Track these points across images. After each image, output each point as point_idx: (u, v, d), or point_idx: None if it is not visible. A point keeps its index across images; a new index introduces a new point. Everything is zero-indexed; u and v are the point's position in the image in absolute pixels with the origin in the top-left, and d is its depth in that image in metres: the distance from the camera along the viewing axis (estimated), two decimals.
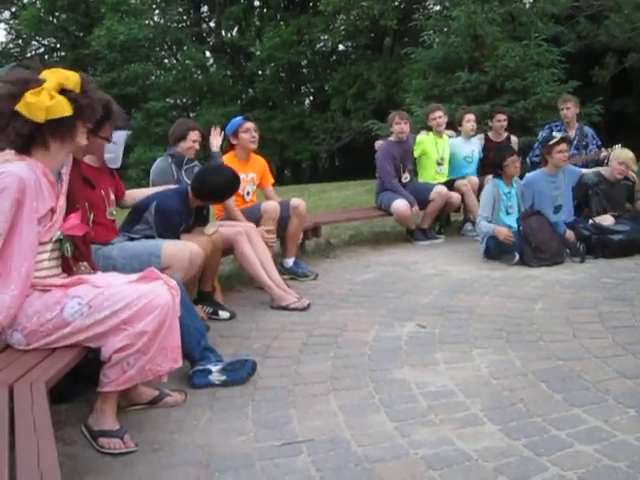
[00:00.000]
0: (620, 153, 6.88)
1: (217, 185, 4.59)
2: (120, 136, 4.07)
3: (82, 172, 3.76)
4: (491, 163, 6.94)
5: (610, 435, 2.85)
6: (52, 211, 2.87)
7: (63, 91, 2.77)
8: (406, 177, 7.62)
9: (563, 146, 6.57)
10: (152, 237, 4.29)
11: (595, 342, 4.02)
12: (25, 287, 2.73)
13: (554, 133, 7.51)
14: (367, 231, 8.18)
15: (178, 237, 4.42)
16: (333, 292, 5.46)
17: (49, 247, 2.90)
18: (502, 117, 8.31)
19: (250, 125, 5.81)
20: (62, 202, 2.95)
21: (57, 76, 2.79)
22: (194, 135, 5.39)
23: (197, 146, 5.44)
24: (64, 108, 2.75)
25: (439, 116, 7.90)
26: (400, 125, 7.43)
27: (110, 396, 2.92)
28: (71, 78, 2.81)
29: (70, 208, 3.05)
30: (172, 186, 4.92)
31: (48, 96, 2.72)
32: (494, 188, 6.49)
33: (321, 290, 5.54)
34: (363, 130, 17.14)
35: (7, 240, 2.67)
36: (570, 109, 8.02)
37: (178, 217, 4.50)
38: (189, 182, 5.26)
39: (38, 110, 2.71)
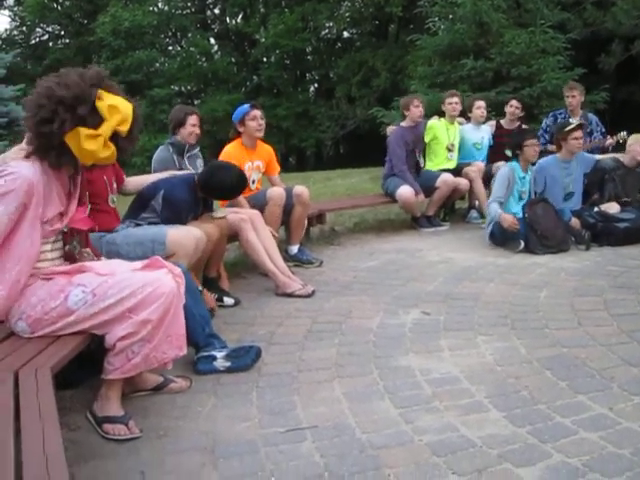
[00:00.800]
0: (638, 136, 6.85)
1: (225, 184, 4.59)
2: None
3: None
4: (508, 146, 6.87)
5: (615, 422, 2.85)
6: (61, 214, 2.87)
7: (115, 134, 2.72)
8: (422, 162, 7.64)
9: (579, 133, 6.55)
10: (157, 224, 4.30)
11: (600, 330, 4.02)
12: (12, 292, 2.72)
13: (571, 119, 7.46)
14: (372, 218, 8.17)
15: (184, 224, 4.42)
16: (337, 279, 5.45)
17: (52, 239, 2.90)
18: (515, 103, 8.21)
19: (257, 113, 5.79)
20: (73, 206, 2.94)
21: (116, 118, 2.70)
22: (193, 119, 5.38)
23: (197, 130, 5.42)
24: (111, 158, 2.77)
25: (455, 102, 7.88)
26: (419, 108, 7.45)
27: (115, 383, 2.92)
28: (126, 121, 2.74)
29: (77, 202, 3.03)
30: (177, 172, 4.92)
31: (103, 146, 2.69)
32: (510, 171, 6.44)
33: (325, 277, 5.54)
34: (368, 117, 17.08)
35: (6, 240, 2.66)
36: (575, 97, 7.98)
37: (187, 207, 4.51)
38: (192, 170, 5.27)
39: (87, 156, 2.71)
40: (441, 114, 8.04)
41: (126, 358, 2.81)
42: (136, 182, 4.68)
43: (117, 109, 2.70)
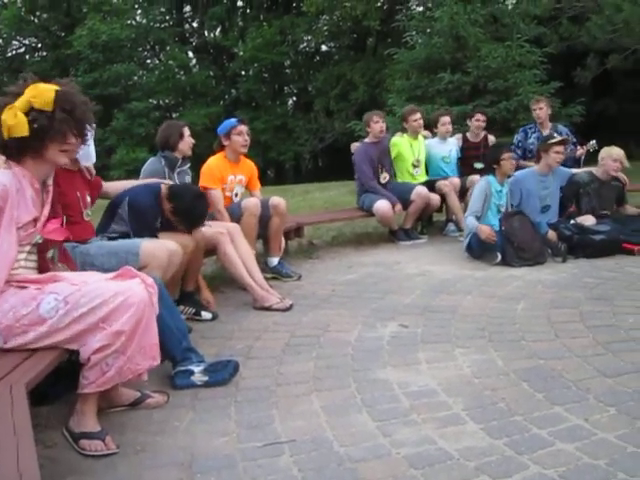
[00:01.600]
0: (611, 150, 6.92)
1: (203, 215, 4.63)
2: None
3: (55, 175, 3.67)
4: (486, 159, 6.92)
5: (590, 433, 2.87)
6: (35, 220, 2.88)
7: (32, 109, 2.77)
8: (385, 177, 7.61)
9: (561, 148, 6.62)
10: (129, 235, 4.29)
11: (576, 341, 4.04)
12: None
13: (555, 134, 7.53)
14: (350, 232, 8.19)
15: (155, 234, 4.40)
16: (316, 293, 5.45)
17: (27, 249, 2.90)
18: (481, 117, 8.30)
19: (244, 128, 5.82)
20: (46, 212, 2.95)
21: (31, 93, 2.78)
22: (187, 131, 5.42)
23: (192, 139, 5.47)
24: (21, 129, 2.75)
25: (419, 118, 7.93)
26: (379, 124, 7.45)
27: (90, 397, 2.90)
28: (42, 96, 2.78)
29: (51, 214, 3.03)
30: (147, 180, 4.90)
31: (13, 115, 2.74)
32: (487, 185, 6.49)
33: (304, 291, 5.54)
34: (346, 131, 17.13)
35: None
36: (542, 109, 8.08)
37: (152, 213, 4.48)
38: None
39: (3, 128, 2.76)
40: (404, 130, 8.06)
41: (100, 371, 2.80)
42: (115, 187, 4.67)
43: (35, 87, 2.80)
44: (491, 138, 8.40)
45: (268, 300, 4.95)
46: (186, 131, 5.41)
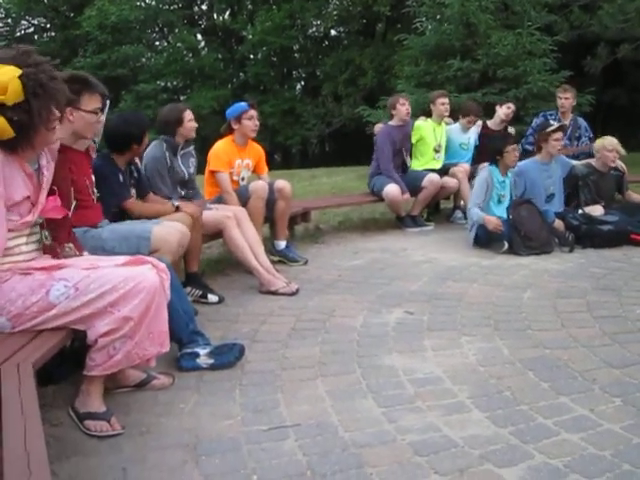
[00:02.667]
0: (604, 141, 6.91)
1: (117, 127, 4.46)
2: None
3: (69, 162, 3.58)
4: (488, 150, 6.91)
5: (596, 424, 2.87)
6: (31, 202, 2.82)
7: (6, 108, 2.57)
8: (408, 161, 7.65)
9: (559, 134, 6.61)
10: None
11: (582, 331, 4.04)
12: None
13: (552, 121, 7.49)
14: (356, 217, 8.17)
15: (129, 192, 4.46)
16: (322, 277, 5.45)
17: (26, 232, 2.87)
18: (512, 106, 8.22)
19: (254, 113, 5.82)
20: (42, 198, 2.88)
21: None
22: (189, 115, 5.34)
23: (195, 123, 5.39)
24: (6, 133, 2.61)
25: (447, 102, 7.91)
26: (405, 106, 7.46)
27: (96, 379, 2.91)
28: (9, 89, 2.55)
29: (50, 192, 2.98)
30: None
31: None
32: (488, 175, 6.48)
33: (310, 275, 5.54)
34: (354, 116, 17.06)
35: None
36: (569, 99, 8.04)
37: (109, 169, 4.39)
38: (184, 169, 5.25)
39: None
40: (428, 114, 8.04)
41: (107, 355, 2.80)
42: None
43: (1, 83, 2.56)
44: (510, 130, 8.34)
45: (274, 284, 4.95)
46: (187, 116, 5.29)
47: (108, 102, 3.93)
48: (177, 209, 4.54)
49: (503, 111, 8.21)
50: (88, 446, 2.75)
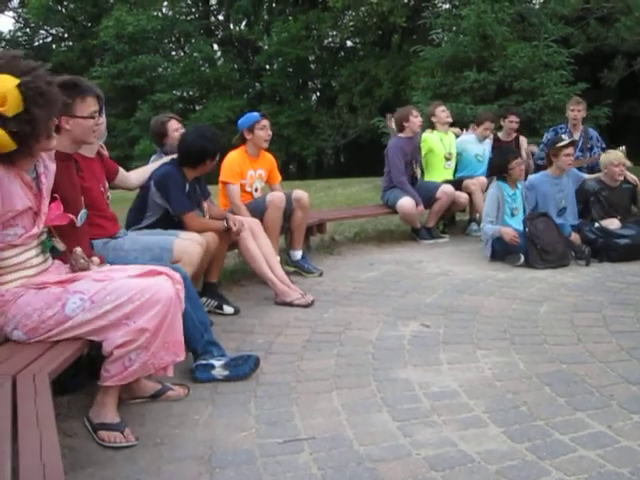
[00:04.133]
0: (609, 156, 6.87)
1: (194, 142, 4.55)
2: None
3: (79, 167, 3.54)
4: (494, 167, 6.94)
5: (614, 441, 2.84)
6: (35, 213, 2.79)
7: (6, 120, 2.49)
8: (418, 172, 7.65)
9: (570, 149, 6.58)
10: (166, 218, 4.39)
11: (599, 346, 4.01)
12: None
13: (563, 136, 7.47)
14: (372, 229, 8.16)
15: (193, 206, 4.52)
16: (337, 289, 5.44)
17: (34, 244, 2.85)
18: (515, 119, 8.32)
19: (267, 123, 5.80)
20: (44, 209, 2.83)
21: None
22: (173, 124, 5.39)
23: (183, 130, 5.43)
24: (8, 145, 2.54)
25: (445, 109, 8.01)
26: (418, 118, 7.46)
27: (111, 390, 2.91)
28: (9, 100, 2.49)
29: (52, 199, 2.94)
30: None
31: None
32: (498, 191, 6.48)
33: (325, 287, 5.53)
34: (369, 127, 17.08)
35: None
36: (581, 112, 8.09)
37: (180, 179, 4.51)
38: None
39: None
40: (432, 126, 8.04)
41: (123, 366, 2.80)
42: (138, 175, 4.63)
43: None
44: (522, 139, 8.39)
45: (289, 295, 4.94)
46: (171, 126, 5.37)
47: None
48: (228, 229, 4.66)
49: (506, 124, 8.36)
50: (103, 457, 2.75)
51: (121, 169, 4.45)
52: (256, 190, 5.86)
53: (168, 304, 2.82)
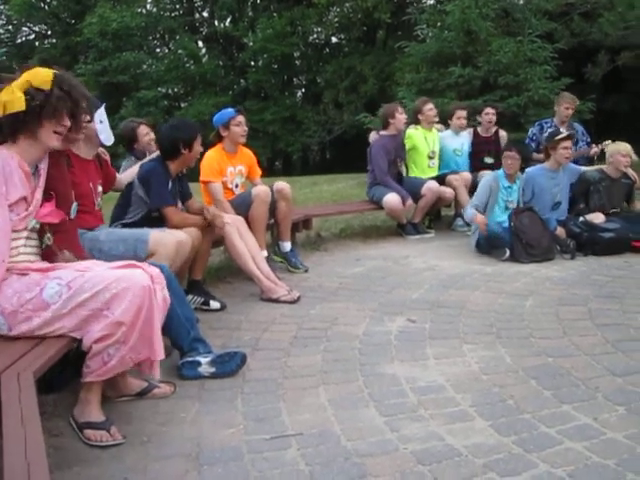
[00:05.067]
0: (618, 146, 6.91)
1: (166, 134, 4.68)
2: (101, 114, 4.07)
3: (70, 163, 3.62)
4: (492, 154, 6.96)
5: (599, 433, 2.85)
6: (27, 201, 2.87)
7: (30, 88, 2.81)
8: (403, 170, 7.64)
9: (568, 143, 6.62)
10: (149, 218, 4.40)
11: (585, 339, 4.03)
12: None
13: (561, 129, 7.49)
14: (358, 224, 8.16)
15: (175, 200, 4.56)
16: (323, 285, 5.44)
17: (24, 234, 2.91)
18: (490, 111, 8.27)
19: (242, 119, 5.74)
20: (38, 195, 2.94)
21: (28, 75, 2.83)
22: (143, 130, 5.45)
23: (152, 135, 5.49)
24: (18, 104, 2.78)
25: (433, 107, 7.94)
26: (403, 115, 7.47)
27: (94, 386, 2.91)
28: (40, 76, 2.84)
29: (45, 197, 3.02)
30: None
31: (8, 92, 2.78)
32: (493, 181, 6.50)
33: (311, 283, 5.52)
34: (355, 123, 17.07)
35: None
36: (573, 110, 8.08)
37: (163, 174, 4.54)
38: None
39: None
40: (417, 122, 8.03)
41: (102, 361, 2.81)
42: (125, 177, 4.74)
43: (34, 70, 2.87)
44: (502, 133, 8.38)
45: (275, 292, 4.94)
46: (141, 131, 5.46)
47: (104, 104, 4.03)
48: (209, 223, 4.67)
49: (483, 118, 8.34)
50: (89, 455, 2.73)
51: (117, 174, 4.67)
52: (237, 186, 5.83)
53: (142, 294, 2.80)
